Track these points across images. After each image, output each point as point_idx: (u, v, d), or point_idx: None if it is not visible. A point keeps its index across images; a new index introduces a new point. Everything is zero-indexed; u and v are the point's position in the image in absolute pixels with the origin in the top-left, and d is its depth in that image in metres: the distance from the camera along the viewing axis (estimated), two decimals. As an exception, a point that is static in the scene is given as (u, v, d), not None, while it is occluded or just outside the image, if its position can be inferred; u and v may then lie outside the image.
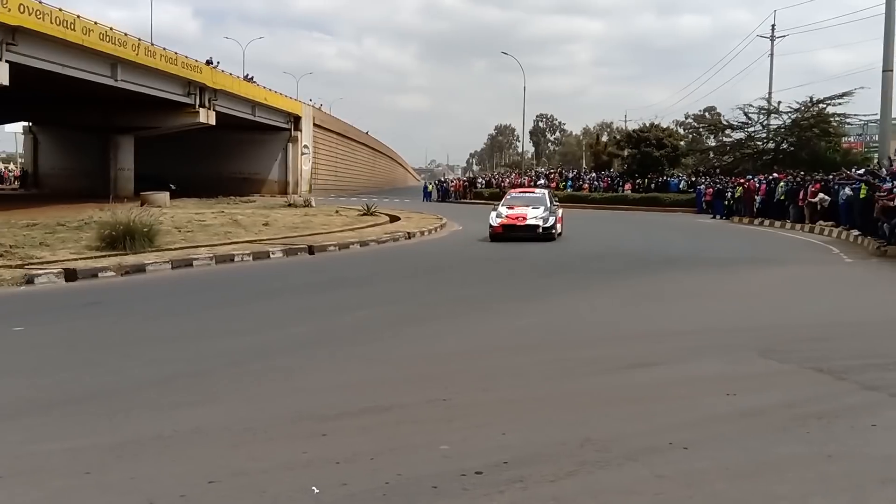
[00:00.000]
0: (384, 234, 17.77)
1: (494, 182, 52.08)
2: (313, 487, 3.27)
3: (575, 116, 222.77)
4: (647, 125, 45.09)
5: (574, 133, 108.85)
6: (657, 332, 7.26)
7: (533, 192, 20.45)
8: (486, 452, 3.73)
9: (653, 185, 39.82)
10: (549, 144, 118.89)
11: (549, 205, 18.04)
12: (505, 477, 3.41)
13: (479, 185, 50.96)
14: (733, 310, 8.81)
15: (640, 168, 41.94)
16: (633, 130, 46.47)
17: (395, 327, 7.41)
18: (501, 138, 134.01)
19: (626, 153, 45.11)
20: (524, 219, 17.22)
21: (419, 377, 5.38)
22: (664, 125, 46.35)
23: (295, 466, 3.56)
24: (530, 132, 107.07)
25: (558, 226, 18.25)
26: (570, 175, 48.27)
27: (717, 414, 4.46)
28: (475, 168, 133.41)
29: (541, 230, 17.08)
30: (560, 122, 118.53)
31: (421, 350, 6.34)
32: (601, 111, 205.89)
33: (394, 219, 23.46)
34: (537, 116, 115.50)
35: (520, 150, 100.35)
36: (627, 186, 40.84)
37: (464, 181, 56.05)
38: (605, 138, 62.66)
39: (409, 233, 18.53)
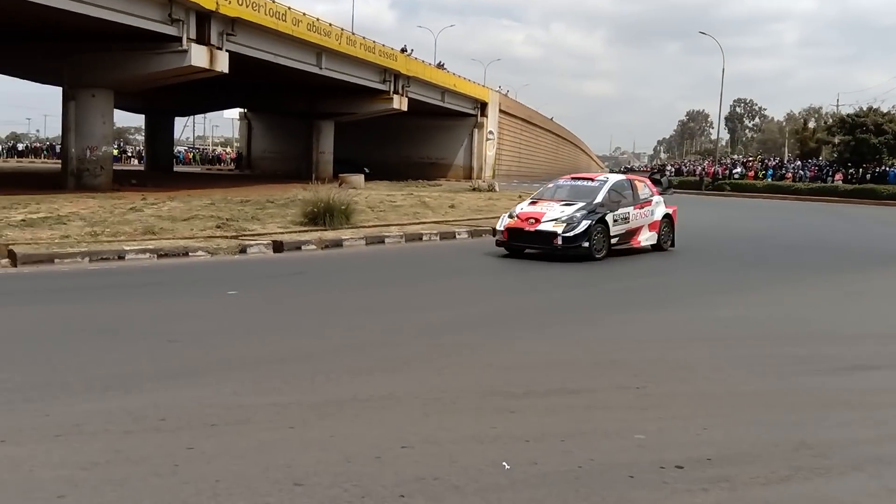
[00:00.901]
0: (569, 220, 17.46)
1: (685, 170, 49.74)
2: (504, 463, 3.23)
3: (777, 101, 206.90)
4: (864, 109, 40.76)
5: (776, 119, 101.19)
6: (878, 334, 6.54)
7: (590, 181, 12.56)
8: (685, 446, 3.50)
9: (868, 176, 36.08)
10: (747, 131, 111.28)
11: (598, 201, 11.35)
12: (708, 474, 3.17)
13: (667, 173, 48.89)
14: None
15: (853, 156, 38.16)
16: (848, 115, 42.16)
17: (584, 310, 7.25)
18: (693, 124, 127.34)
19: (837, 140, 41.11)
20: (536, 221, 11.00)
21: (609, 362, 5.17)
22: (884, 110, 41.67)
23: (484, 440, 3.53)
24: (726, 118, 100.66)
25: (646, 233, 12.10)
26: (772, 164, 44.90)
27: (961, 428, 3.89)
28: (663, 156, 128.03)
29: (560, 241, 10.64)
30: (760, 108, 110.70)
31: (612, 335, 6.12)
32: (807, 95, 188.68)
33: (578, 204, 23.04)
34: (734, 101, 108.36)
35: (713, 136, 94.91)
36: (838, 176, 37.38)
37: (651, 168, 54.05)
38: (812, 124, 57.64)
39: (594, 219, 18.01)
